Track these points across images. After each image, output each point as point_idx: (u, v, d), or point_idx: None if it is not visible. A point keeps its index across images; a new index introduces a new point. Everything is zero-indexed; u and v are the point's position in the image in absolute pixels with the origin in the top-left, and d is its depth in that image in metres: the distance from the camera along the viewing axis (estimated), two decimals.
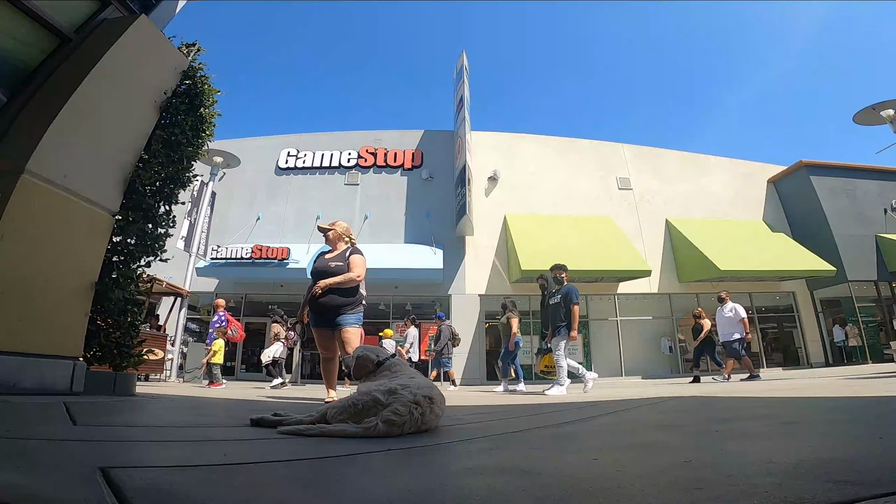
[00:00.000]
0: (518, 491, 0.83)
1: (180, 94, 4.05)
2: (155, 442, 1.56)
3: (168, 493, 0.81)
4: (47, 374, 2.88)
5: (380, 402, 1.60)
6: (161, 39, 3.87)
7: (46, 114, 2.98)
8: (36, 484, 0.80)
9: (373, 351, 2.09)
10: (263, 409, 2.47)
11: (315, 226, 5.56)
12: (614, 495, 0.77)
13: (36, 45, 3.30)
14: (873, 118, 9.14)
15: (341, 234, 3.89)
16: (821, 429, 1.57)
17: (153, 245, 3.79)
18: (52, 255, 2.98)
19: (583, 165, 14.56)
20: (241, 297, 13.33)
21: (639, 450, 1.28)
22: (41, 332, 2.88)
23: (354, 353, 2.13)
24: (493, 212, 13.50)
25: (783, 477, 0.82)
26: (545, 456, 1.29)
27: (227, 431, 1.85)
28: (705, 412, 2.47)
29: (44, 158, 2.86)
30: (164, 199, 3.89)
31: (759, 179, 15.07)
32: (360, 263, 3.70)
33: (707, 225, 13.53)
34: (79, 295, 3.16)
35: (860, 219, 13.48)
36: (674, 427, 1.83)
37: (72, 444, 1.34)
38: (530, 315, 13.13)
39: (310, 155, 14.34)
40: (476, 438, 1.67)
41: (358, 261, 3.69)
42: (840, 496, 0.68)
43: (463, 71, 14.47)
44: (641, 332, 13.22)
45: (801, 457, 1.02)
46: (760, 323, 13.66)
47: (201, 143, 4.17)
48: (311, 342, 4.82)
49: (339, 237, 3.87)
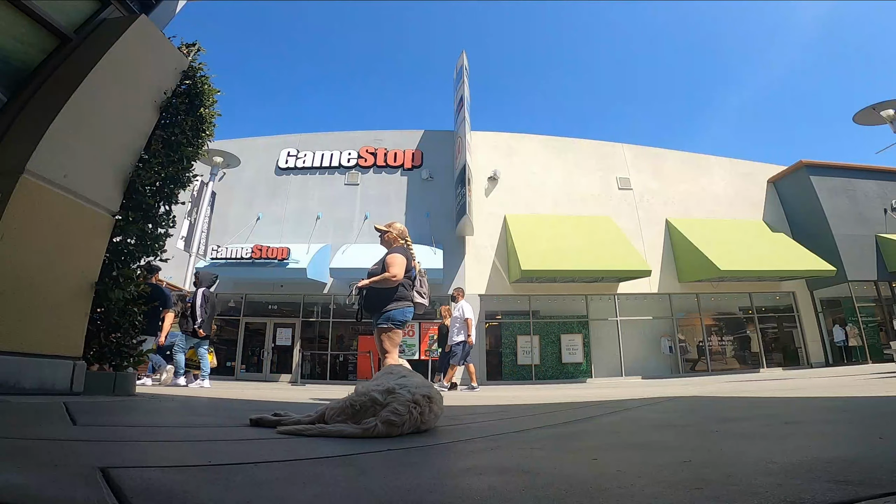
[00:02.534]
0: (518, 491, 0.83)
1: (180, 94, 4.05)
2: (155, 442, 1.56)
3: (168, 493, 0.81)
4: (47, 374, 2.88)
5: (378, 402, 1.60)
6: (161, 39, 3.87)
7: (46, 114, 2.98)
8: (36, 484, 0.80)
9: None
10: (263, 409, 2.47)
11: (314, 226, 5.54)
12: (614, 495, 0.77)
13: (36, 45, 3.31)
14: (873, 118, 9.14)
15: (396, 236, 3.82)
16: (821, 429, 1.57)
17: (153, 245, 3.79)
18: (53, 255, 2.98)
19: (583, 165, 14.56)
20: (241, 297, 13.33)
21: (639, 450, 1.28)
22: (41, 332, 2.88)
23: None
24: (493, 212, 13.50)
25: (783, 477, 0.82)
26: (545, 456, 1.29)
27: (226, 431, 1.85)
28: (705, 412, 2.46)
29: (44, 158, 2.86)
30: (164, 199, 3.89)
31: (759, 179, 15.07)
32: (396, 262, 3.59)
33: (707, 225, 13.53)
34: (79, 295, 3.16)
35: (860, 219, 13.48)
36: (674, 427, 1.83)
37: (72, 444, 1.34)
38: (530, 315, 13.14)
39: (310, 155, 14.33)
40: (475, 438, 1.67)
41: (394, 260, 3.60)
42: (840, 496, 0.68)
43: (463, 71, 14.47)
44: (641, 332, 13.22)
45: (801, 457, 1.02)
46: (760, 323, 13.67)
47: (201, 143, 4.17)
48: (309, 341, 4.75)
49: (394, 239, 3.81)
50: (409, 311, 3.66)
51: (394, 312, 3.56)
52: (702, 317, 13.60)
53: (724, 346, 13.88)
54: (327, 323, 13.06)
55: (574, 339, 12.93)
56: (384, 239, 3.87)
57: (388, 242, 3.85)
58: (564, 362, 12.74)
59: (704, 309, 13.66)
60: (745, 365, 13.30)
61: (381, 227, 3.90)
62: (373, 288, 3.58)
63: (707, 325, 13.67)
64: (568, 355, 12.79)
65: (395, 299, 3.57)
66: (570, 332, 13.02)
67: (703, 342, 13.41)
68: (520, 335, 12.93)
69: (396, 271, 3.54)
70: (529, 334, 12.90)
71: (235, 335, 13.15)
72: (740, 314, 14.00)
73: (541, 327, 13.08)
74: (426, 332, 12.56)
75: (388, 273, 3.53)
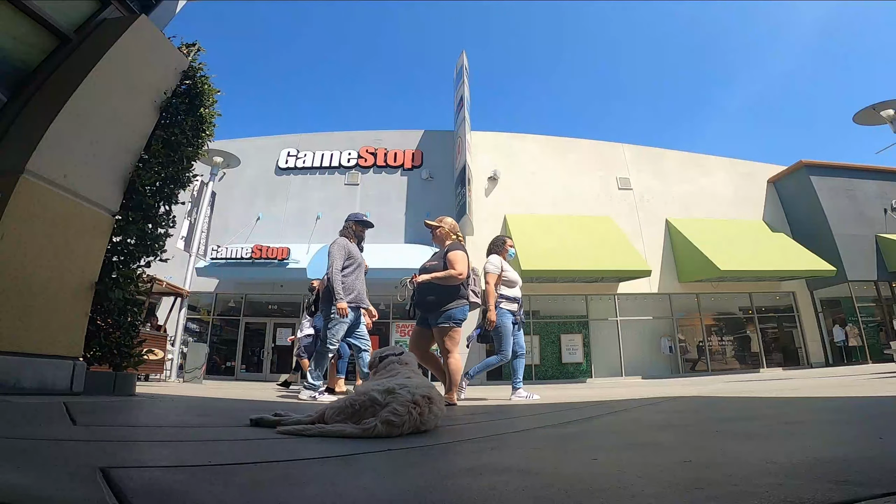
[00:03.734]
0: (518, 491, 0.82)
1: (180, 94, 4.05)
2: (155, 442, 1.56)
3: (168, 493, 0.81)
4: (47, 374, 2.88)
5: (377, 402, 1.59)
6: (161, 39, 3.87)
7: (46, 114, 2.98)
8: (36, 484, 0.80)
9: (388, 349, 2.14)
10: (263, 409, 2.47)
11: (314, 226, 5.54)
12: (614, 495, 0.77)
13: (36, 45, 3.30)
14: (873, 118, 9.14)
15: (448, 231, 3.78)
16: (821, 429, 1.57)
17: (153, 245, 3.78)
18: (52, 255, 2.98)
19: (583, 165, 14.56)
20: (241, 297, 13.33)
21: (639, 450, 1.28)
22: (41, 332, 2.87)
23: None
24: (493, 212, 13.51)
25: (783, 477, 0.82)
26: (545, 456, 1.29)
27: (226, 431, 1.85)
28: (705, 412, 2.46)
29: (44, 158, 2.86)
30: (164, 199, 3.88)
31: (759, 179, 15.08)
32: (460, 259, 3.52)
33: (707, 225, 13.54)
34: (79, 295, 3.15)
35: (860, 219, 13.49)
36: (674, 427, 1.83)
37: (72, 444, 1.34)
38: (530, 315, 13.14)
39: (310, 155, 14.34)
40: (476, 438, 1.67)
41: (457, 257, 3.52)
42: (840, 496, 0.68)
43: (463, 71, 14.47)
44: (641, 333, 13.23)
45: (801, 457, 1.02)
46: (760, 323, 13.68)
47: (201, 143, 4.17)
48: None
49: (446, 235, 3.77)
50: (466, 310, 3.61)
51: (455, 311, 3.48)
52: (702, 317, 13.60)
53: (724, 346, 13.88)
54: None
55: (574, 339, 12.94)
56: (436, 234, 3.81)
57: (440, 238, 3.78)
58: (564, 362, 12.75)
59: (704, 309, 13.66)
60: (745, 365, 13.30)
61: (431, 223, 3.85)
62: (433, 285, 3.48)
63: (707, 325, 13.67)
64: (568, 355, 12.80)
65: (456, 298, 3.50)
66: (570, 332, 13.03)
67: (703, 342, 13.41)
68: None
69: (461, 268, 3.47)
70: (529, 334, 12.90)
71: (235, 335, 13.15)
72: (740, 314, 14.01)
73: (541, 327, 13.09)
74: None
75: (453, 270, 3.45)
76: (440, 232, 3.79)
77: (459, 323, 3.52)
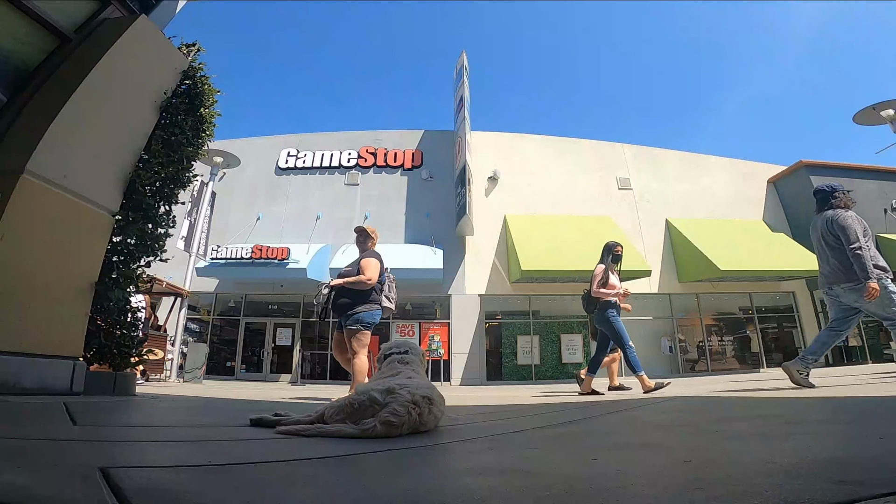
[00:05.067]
0: (518, 491, 0.82)
1: (180, 94, 4.05)
2: (155, 442, 1.56)
3: (168, 493, 0.81)
4: (47, 374, 2.88)
5: (377, 402, 1.59)
6: (161, 39, 3.87)
7: (46, 114, 2.98)
8: (36, 484, 0.80)
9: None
10: (263, 409, 2.47)
11: (314, 226, 5.61)
12: (614, 495, 0.76)
13: (36, 45, 3.30)
14: (873, 118, 9.15)
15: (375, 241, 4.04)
16: (821, 429, 1.57)
17: (153, 245, 3.79)
18: (52, 255, 2.98)
19: (583, 165, 14.56)
20: (241, 297, 13.33)
21: (639, 450, 1.28)
22: (41, 332, 2.88)
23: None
24: (493, 212, 13.50)
25: (783, 477, 0.82)
26: (545, 456, 1.29)
27: (226, 431, 1.85)
28: (705, 412, 2.46)
29: (44, 158, 2.86)
30: (164, 199, 3.89)
31: (759, 179, 15.07)
32: (371, 266, 3.73)
33: (707, 225, 13.53)
34: (79, 295, 3.16)
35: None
36: (674, 427, 1.83)
37: (72, 444, 1.34)
38: (530, 315, 13.14)
39: (310, 155, 14.34)
40: (476, 439, 1.67)
41: (368, 264, 3.73)
42: (840, 496, 0.68)
43: (463, 71, 14.47)
44: (641, 332, 13.21)
45: (801, 457, 1.02)
46: (760, 323, 13.67)
47: (201, 143, 4.17)
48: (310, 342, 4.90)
49: (372, 243, 4.03)
50: (377, 314, 3.76)
51: (363, 315, 3.65)
52: (702, 317, 13.60)
53: (724, 346, 13.88)
54: (327, 323, 13.02)
55: (574, 339, 12.93)
56: (362, 241, 3.98)
57: (364, 245, 3.95)
58: (564, 362, 12.74)
59: (704, 309, 13.66)
60: (745, 365, 13.30)
61: (369, 230, 4.00)
62: (344, 289, 3.65)
63: (707, 325, 13.67)
64: (568, 355, 12.80)
65: (366, 302, 3.65)
66: (570, 332, 13.02)
67: (703, 342, 13.41)
68: (520, 335, 12.94)
69: (372, 275, 3.64)
70: (529, 334, 12.91)
71: (235, 335, 13.15)
72: (740, 314, 14.00)
73: (541, 327, 13.09)
74: (426, 333, 12.57)
75: (363, 276, 3.61)
76: (371, 244, 3.98)
77: (368, 326, 3.67)
